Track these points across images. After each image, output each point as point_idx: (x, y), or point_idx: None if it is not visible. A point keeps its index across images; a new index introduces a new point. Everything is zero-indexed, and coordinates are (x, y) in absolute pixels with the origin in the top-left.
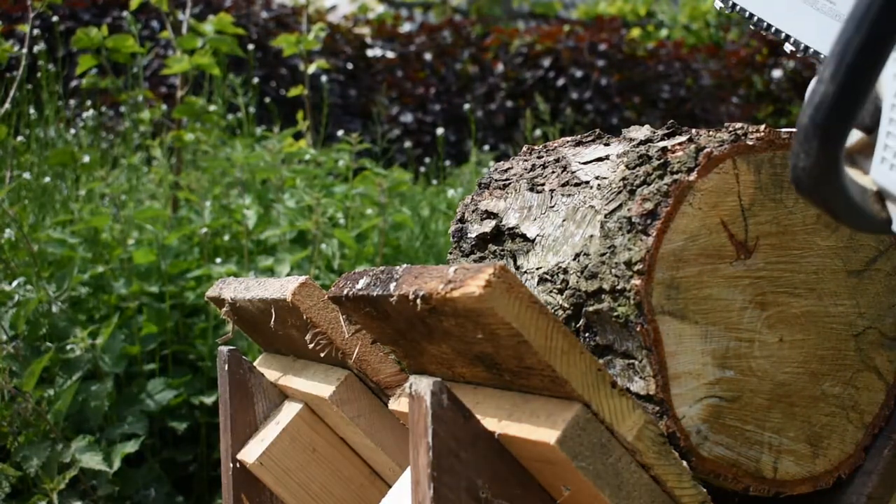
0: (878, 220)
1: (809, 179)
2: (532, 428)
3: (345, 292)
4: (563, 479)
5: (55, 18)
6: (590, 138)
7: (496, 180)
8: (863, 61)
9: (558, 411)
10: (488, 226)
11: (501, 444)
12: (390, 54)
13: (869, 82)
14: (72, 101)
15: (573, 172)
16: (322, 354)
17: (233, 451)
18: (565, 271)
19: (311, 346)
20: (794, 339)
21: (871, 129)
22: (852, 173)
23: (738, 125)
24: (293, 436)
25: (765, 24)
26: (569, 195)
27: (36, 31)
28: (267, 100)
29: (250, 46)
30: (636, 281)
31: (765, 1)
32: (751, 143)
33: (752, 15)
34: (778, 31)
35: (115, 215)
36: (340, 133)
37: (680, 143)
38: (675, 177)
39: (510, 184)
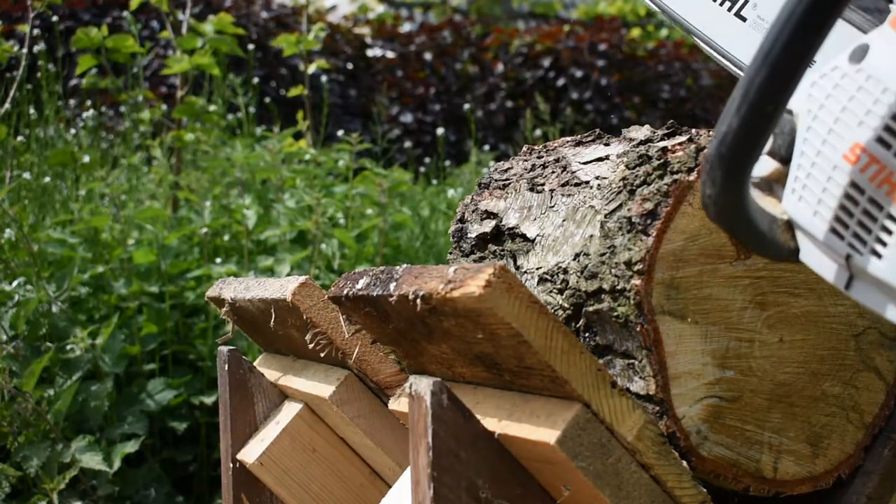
0: (785, 249)
1: (715, 207)
2: (532, 428)
3: (345, 292)
4: (563, 479)
5: (55, 18)
6: (590, 138)
7: (496, 180)
8: (764, 100)
9: (558, 411)
10: (488, 226)
11: (501, 444)
12: (390, 54)
13: (771, 119)
14: (72, 101)
15: (573, 172)
16: (322, 354)
17: (233, 451)
18: (565, 271)
19: (311, 346)
20: (794, 339)
21: (787, 160)
22: (768, 201)
23: None
24: (293, 436)
25: (695, 32)
26: (569, 195)
27: (36, 31)
28: (267, 100)
29: (250, 46)
30: (636, 281)
31: (693, 8)
32: None
33: (683, 23)
34: (708, 41)
35: (115, 215)
36: (340, 133)
37: (680, 143)
38: (676, 177)
39: (510, 184)
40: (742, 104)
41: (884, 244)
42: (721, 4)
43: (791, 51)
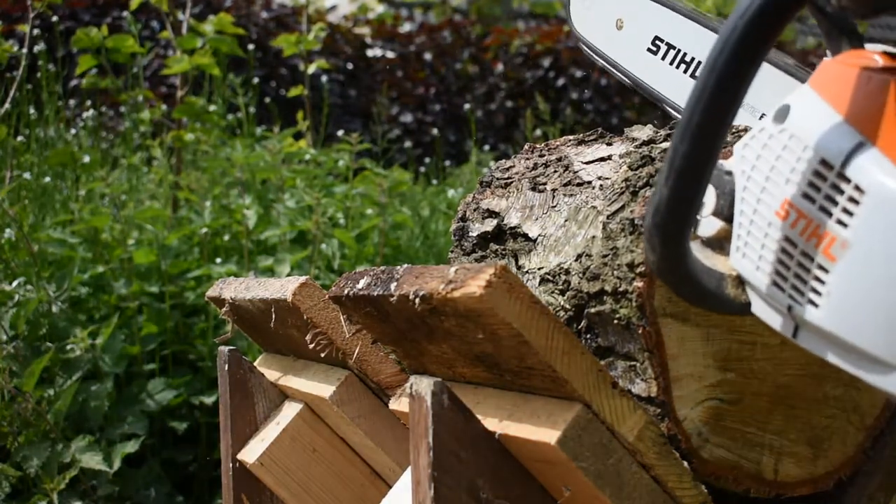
0: (737, 304)
1: (659, 272)
2: (533, 428)
3: (345, 292)
4: (564, 480)
5: (55, 18)
6: (592, 137)
7: (498, 179)
8: (690, 168)
9: (559, 411)
10: (490, 225)
11: (502, 445)
12: (390, 54)
13: (698, 185)
14: (72, 101)
15: (575, 172)
16: (322, 354)
17: (233, 451)
18: (567, 272)
19: (311, 346)
20: None
21: (731, 219)
22: (718, 260)
23: (741, 125)
24: (293, 436)
25: (663, 98)
26: (571, 195)
27: (36, 31)
28: (267, 100)
29: (250, 46)
30: (638, 283)
31: (653, 74)
32: None
33: (650, 90)
34: (672, 105)
35: (115, 215)
36: (340, 133)
37: None
38: None
39: (512, 183)
40: (669, 175)
41: (818, 293)
42: (677, 67)
43: (709, 119)
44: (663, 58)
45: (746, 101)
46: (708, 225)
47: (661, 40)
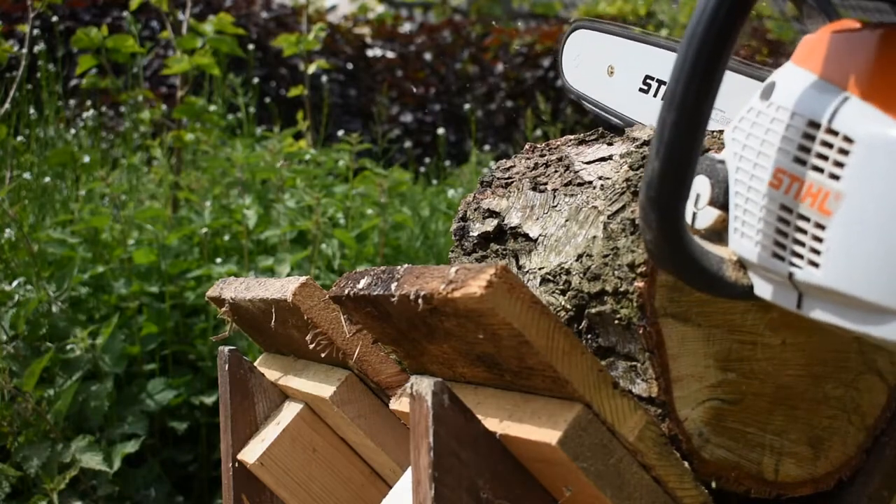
0: (738, 287)
1: (658, 251)
2: (533, 428)
3: (346, 292)
4: (565, 480)
5: (55, 18)
6: (593, 137)
7: (498, 178)
8: (679, 136)
9: (560, 412)
10: (490, 225)
11: (502, 445)
12: (390, 54)
13: (689, 154)
14: (72, 101)
15: (576, 172)
16: (323, 355)
17: (233, 451)
18: (568, 272)
19: (311, 346)
20: (796, 341)
21: (727, 206)
22: (717, 248)
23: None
24: (294, 436)
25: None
26: (571, 195)
27: (36, 31)
28: (267, 100)
29: (250, 46)
30: (639, 283)
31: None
32: None
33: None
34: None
35: (115, 215)
36: (340, 133)
37: None
38: None
39: (512, 182)
40: (659, 147)
41: (818, 253)
42: (655, 95)
43: (694, 86)
44: (655, 94)
45: (718, 107)
46: (705, 216)
47: (652, 78)
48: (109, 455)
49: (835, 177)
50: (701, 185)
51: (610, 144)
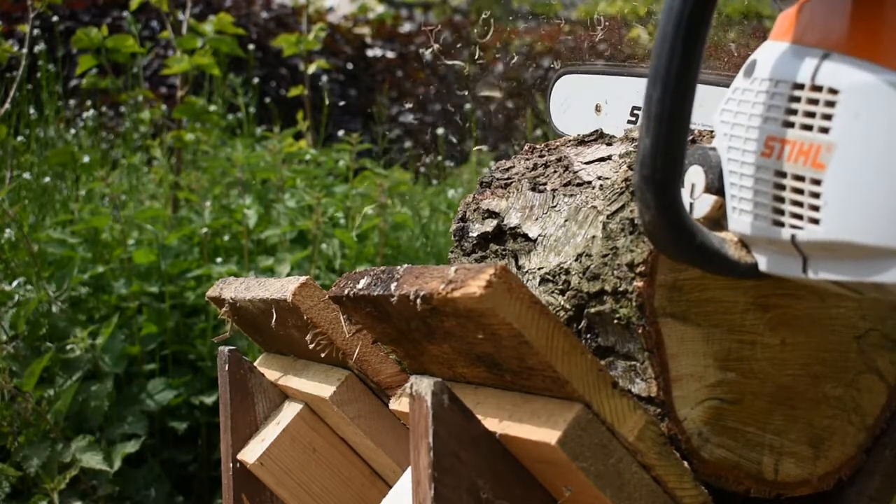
0: (742, 265)
1: (658, 230)
2: (533, 428)
3: (345, 292)
4: (565, 480)
5: (55, 18)
6: (592, 137)
7: (498, 179)
8: (666, 111)
9: (559, 412)
10: (490, 225)
11: (502, 445)
12: (390, 54)
13: (679, 126)
14: (72, 101)
15: (575, 172)
16: (323, 355)
17: (233, 451)
18: (567, 272)
19: (311, 346)
20: (796, 341)
21: (722, 191)
22: (717, 234)
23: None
24: (293, 436)
25: None
26: (571, 195)
27: (36, 31)
28: (267, 100)
29: (250, 46)
30: (638, 283)
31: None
32: None
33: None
34: None
35: (115, 215)
36: (340, 133)
37: None
38: None
39: (512, 183)
40: (648, 123)
41: (817, 209)
42: None
43: (676, 59)
44: None
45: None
46: (702, 204)
47: (639, 109)
48: (109, 455)
49: (824, 130)
50: (695, 175)
51: (609, 145)
